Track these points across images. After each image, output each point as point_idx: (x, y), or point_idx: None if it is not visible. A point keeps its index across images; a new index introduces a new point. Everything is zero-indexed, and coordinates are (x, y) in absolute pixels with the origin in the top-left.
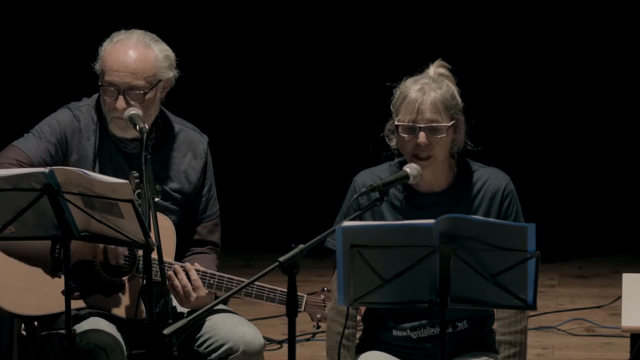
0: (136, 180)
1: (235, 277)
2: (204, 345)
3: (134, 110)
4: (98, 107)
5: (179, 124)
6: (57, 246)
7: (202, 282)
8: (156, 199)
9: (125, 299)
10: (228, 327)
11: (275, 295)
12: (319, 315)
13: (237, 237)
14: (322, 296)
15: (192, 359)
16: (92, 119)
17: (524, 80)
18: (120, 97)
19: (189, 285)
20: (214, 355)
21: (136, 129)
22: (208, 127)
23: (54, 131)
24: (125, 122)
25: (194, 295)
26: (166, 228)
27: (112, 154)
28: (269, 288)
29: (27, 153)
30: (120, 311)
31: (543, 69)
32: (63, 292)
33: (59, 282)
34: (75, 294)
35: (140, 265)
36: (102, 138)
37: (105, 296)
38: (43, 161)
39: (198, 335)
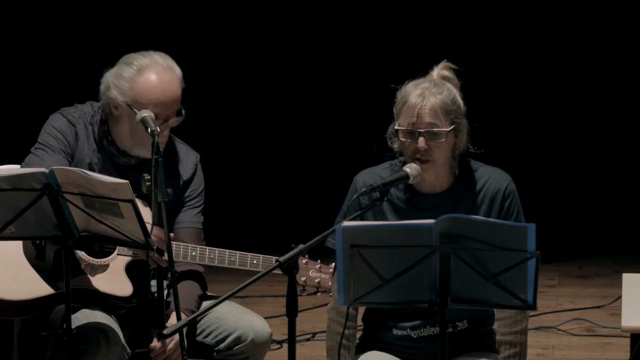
0: (147, 183)
1: (228, 250)
2: (211, 336)
3: (146, 112)
4: (90, 115)
5: (173, 136)
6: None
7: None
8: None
9: (110, 277)
10: (236, 316)
11: (259, 261)
12: (303, 278)
13: (237, 237)
14: (304, 260)
15: (195, 351)
16: (84, 125)
17: (524, 81)
18: (164, 126)
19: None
20: (222, 345)
21: (147, 132)
22: (210, 129)
23: (58, 139)
24: (137, 124)
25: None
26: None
27: (103, 164)
28: (252, 255)
29: None
30: (106, 288)
31: (543, 70)
32: (49, 275)
33: (43, 266)
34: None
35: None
36: (95, 146)
37: (92, 276)
38: None
39: (203, 327)
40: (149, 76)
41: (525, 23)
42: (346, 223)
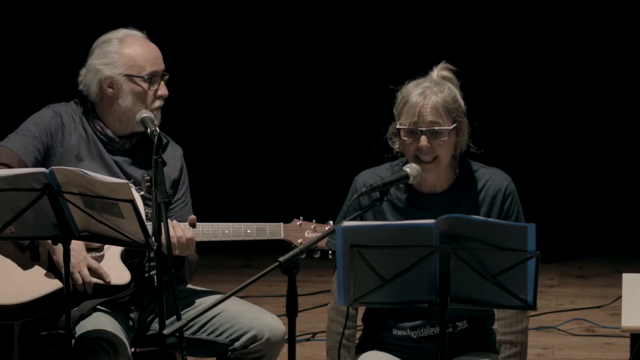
0: (147, 184)
1: (220, 223)
2: (225, 334)
3: (146, 113)
4: (78, 109)
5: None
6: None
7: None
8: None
9: (106, 267)
10: (250, 315)
11: (253, 231)
12: (300, 240)
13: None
14: (299, 222)
15: (206, 350)
16: (71, 117)
17: (524, 81)
18: (162, 83)
19: (183, 237)
20: (237, 344)
21: (147, 132)
22: (210, 128)
23: (38, 127)
24: (138, 125)
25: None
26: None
27: (94, 151)
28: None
29: (17, 153)
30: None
31: (543, 70)
32: (46, 275)
33: (39, 266)
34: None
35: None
36: (85, 135)
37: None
38: (34, 158)
39: (217, 326)
40: (132, 43)
41: (525, 23)
42: (346, 223)
